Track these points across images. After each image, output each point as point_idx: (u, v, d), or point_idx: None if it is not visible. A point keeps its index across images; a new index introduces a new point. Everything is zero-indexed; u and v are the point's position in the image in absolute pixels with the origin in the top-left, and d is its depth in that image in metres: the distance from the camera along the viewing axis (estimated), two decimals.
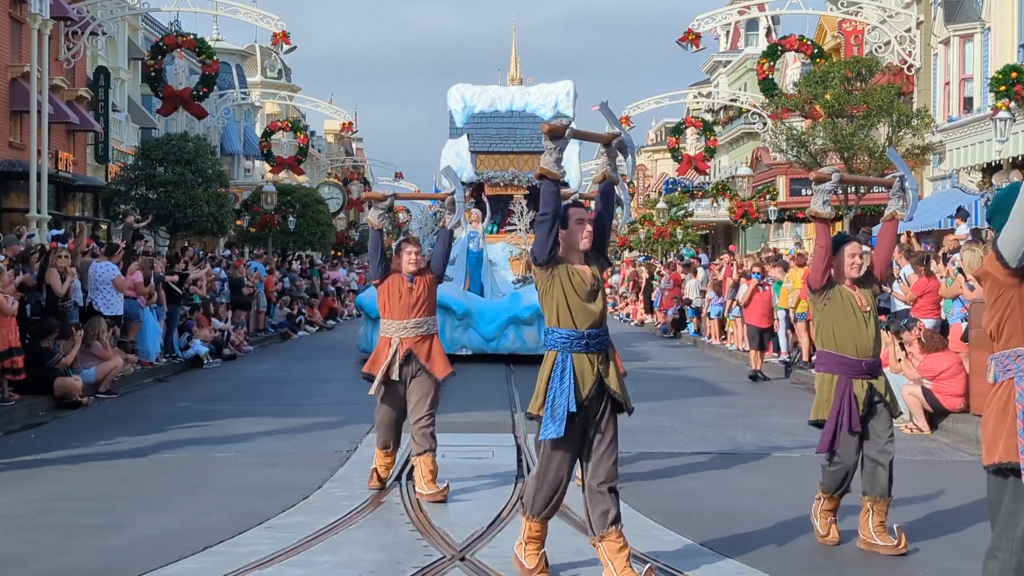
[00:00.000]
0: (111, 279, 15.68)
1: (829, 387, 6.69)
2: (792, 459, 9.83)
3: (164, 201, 28.23)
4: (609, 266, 6.17)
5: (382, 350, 8.01)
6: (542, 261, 5.73)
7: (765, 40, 42.03)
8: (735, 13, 34.59)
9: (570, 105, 24.42)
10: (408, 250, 8.07)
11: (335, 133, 66.46)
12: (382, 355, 7.98)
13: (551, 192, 5.72)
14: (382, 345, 8.04)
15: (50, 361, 13.12)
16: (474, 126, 24.50)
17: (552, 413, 5.63)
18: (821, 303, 6.70)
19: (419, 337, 7.98)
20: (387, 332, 8.00)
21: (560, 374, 5.65)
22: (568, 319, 5.71)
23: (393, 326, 7.99)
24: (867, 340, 6.64)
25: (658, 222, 44.96)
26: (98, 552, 6.51)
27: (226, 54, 45.54)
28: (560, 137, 5.64)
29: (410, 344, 7.93)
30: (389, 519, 7.18)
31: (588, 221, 5.86)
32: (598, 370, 5.74)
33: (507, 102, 24.79)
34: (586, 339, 5.71)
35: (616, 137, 5.82)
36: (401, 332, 7.95)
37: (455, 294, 18.96)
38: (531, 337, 18.83)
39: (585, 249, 5.83)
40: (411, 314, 7.97)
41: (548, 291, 5.74)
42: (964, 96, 27.35)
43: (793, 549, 6.66)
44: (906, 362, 12.23)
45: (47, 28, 23.94)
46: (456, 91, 24.93)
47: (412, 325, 7.96)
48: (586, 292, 5.74)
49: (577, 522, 7.11)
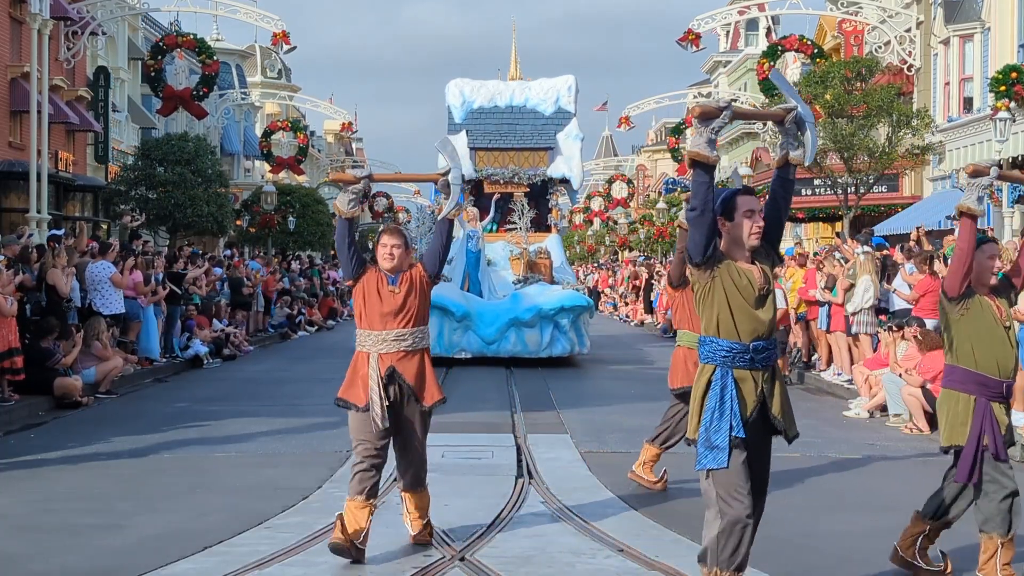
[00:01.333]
0: (108, 277, 15.68)
1: (966, 409, 5.97)
2: (792, 459, 9.82)
3: (164, 201, 28.22)
4: (781, 263, 5.48)
5: (359, 369, 6.40)
6: (698, 261, 4.84)
7: (765, 40, 42.00)
8: (735, 13, 34.59)
9: (572, 100, 23.81)
10: (385, 242, 6.45)
11: (335, 133, 66.49)
12: (359, 376, 6.38)
13: (703, 183, 4.74)
14: (358, 363, 6.42)
15: (50, 361, 13.12)
16: (473, 122, 23.66)
17: (708, 439, 4.90)
18: (958, 313, 5.97)
19: (403, 353, 6.34)
20: (364, 346, 6.40)
21: (720, 393, 4.87)
22: (730, 328, 4.87)
23: (371, 338, 6.35)
24: (1009, 358, 5.95)
25: (658, 222, 45.01)
26: (98, 552, 6.51)
27: (226, 54, 45.52)
28: (714, 117, 4.71)
29: (392, 361, 6.32)
30: (389, 519, 7.17)
31: (759, 213, 4.94)
32: (762, 390, 4.96)
33: (507, 97, 24.04)
34: (751, 353, 4.89)
35: (792, 112, 4.95)
36: (380, 346, 6.32)
37: (454, 295, 18.58)
38: (532, 340, 18.40)
39: (753, 246, 4.93)
40: (393, 323, 6.33)
41: (707, 295, 4.88)
42: (964, 96, 27.36)
43: (793, 549, 6.65)
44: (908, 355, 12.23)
45: (47, 28, 23.93)
46: (455, 86, 24.15)
47: (393, 337, 6.32)
48: (754, 297, 4.87)
49: (577, 522, 7.11)
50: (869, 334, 14.47)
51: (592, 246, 63.50)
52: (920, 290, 13.49)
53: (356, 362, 6.42)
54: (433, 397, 6.47)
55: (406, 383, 6.34)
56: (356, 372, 6.40)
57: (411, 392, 6.37)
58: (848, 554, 6.55)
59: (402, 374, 6.33)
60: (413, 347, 6.39)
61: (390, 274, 6.43)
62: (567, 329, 18.58)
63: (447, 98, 24.06)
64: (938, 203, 26.75)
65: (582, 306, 18.94)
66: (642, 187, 64.54)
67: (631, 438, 10.77)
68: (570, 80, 24.21)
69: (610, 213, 55.85)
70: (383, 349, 6.34)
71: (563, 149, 23.28)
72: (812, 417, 12.75)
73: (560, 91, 23.88)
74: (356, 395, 6.35)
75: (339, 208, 6.44)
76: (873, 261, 14.79)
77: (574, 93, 23.95)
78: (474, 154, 23.21)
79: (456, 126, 23.58)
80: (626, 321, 35.00)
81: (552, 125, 23.50)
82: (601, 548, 6.50)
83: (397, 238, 6.47)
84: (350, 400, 6.39)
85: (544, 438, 10.60)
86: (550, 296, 18.90)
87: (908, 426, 11.63)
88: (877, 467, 9.67)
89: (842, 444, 10.69)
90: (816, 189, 34.50)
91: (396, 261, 6.40)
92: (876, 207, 31.24)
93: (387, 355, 6.34)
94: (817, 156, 26.72)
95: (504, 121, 23.68)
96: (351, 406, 6.37)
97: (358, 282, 6.46)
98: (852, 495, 8.32)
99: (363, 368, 6.35)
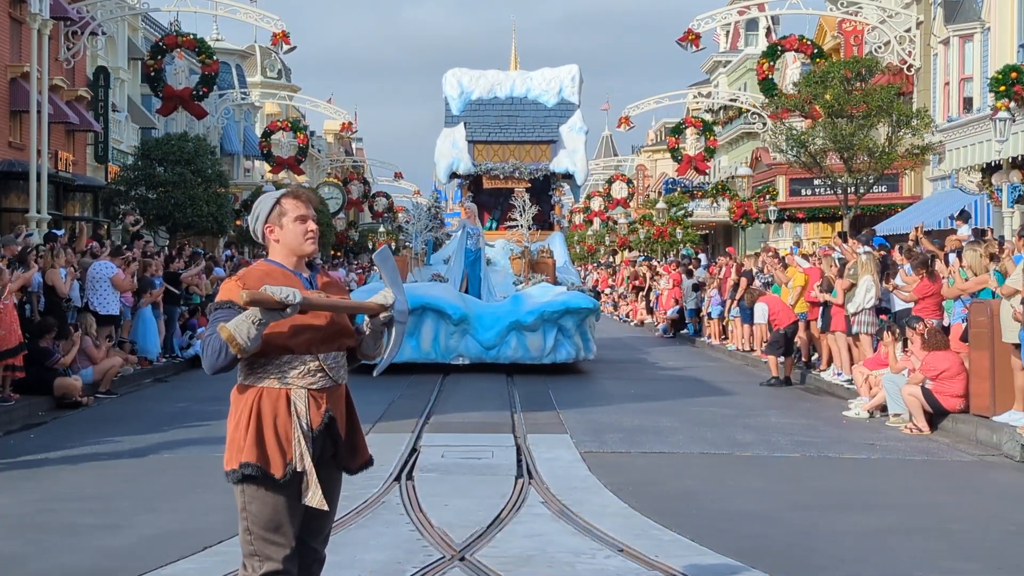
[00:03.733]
0: (108, 278, 15.68)
1: None
2: (792, 459, 9.83)
3: (164, 201, 28.24)
4: None
5: (264, 415, 4.10)
6: None
7: (765, 40, 42.03)
8: (735, 13, 34.62)
9: (575, 91, 22.64)
10: (299, 211, 4.21)
11: (335, 133, 66.49)
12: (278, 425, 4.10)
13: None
14: (262, 407, 4.11)
15: (49, 361, 13.12)
16: (472, 114, 22.41)
17: None
18: None
19: (334, 387, 4.23)
20: (271, 378, 4.12)
21: None
22: None
23: (291, 368, 4.13)
24: None
25: (658, 222, 44.99)
26: (98, 552, 6.51)
27: (226, 54, 45.52)
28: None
29: (327, 404, 4.19)
30: (389, 519, 7.18)
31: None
32: None
33: (507, 88, 22.78)
34: None
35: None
36: (305, 379, 4.13)
37: (451, 297, 17.29)
38: (535, 345, 17.00)
39: None
40: (328, 344, 4.20)
41: None
42: (964, 96, 27.35)
43: (793, 549, 6.66)
44: (905, 358, 12.24)
45: (47, 28, 23.95)
46: (452, 76, 22.84)
47: (331, 363, 4.20)
48: None
49: (577, 522, 7.11)
50: (870, 334, 14.46)
51: (592, 246, 63.50)
52: (919, 293, 13.50)
53: (254, 405, 4.11)
54: (363, 455, 4.38)
55: (339, 437, 4.26)
56: (256, 421, 4.09)
57: (339, 451, 4.28)
58: (848, 554, 6.55)
59: (338, 426, 4.25)
60: (341, 380, 4.28)
61: (298, 271, 4.25)
62: (572, 333, 17.28)
63: (444, 88, 22.87)
64: (938, 203, 26.78)
65: (587, 308, 17.49)
66: (642, 187, 64.51)
67: (631, 438, 10.79)
68: (574, 70, 23.00)
69: (610, 213, 55.85)
70: (312, 384, 4.16)
71: (566, 142, 22.16)
72: (812, 417, 12.76)
73: (563, 81, 22.73)
74: (269, 457, 4.06)
75: (236, 340, 3.95)
76: (874, 261, 14.80)
77: (578, 84, 22.79)
78: (472, 147, 22.18)
79: (454, 118, 22.52)
80: (626, 321, 35.02)
81: (555, 117, 22.40)
82: (601, 548, 6.50)
83: (311, 205, 4.30)
84: (259, 464, 4.04)
85: (544, 438, 10.60)
86: (553, 298, 17.46)
87: (908, 426, 11.62)
88: (877, 467, 9.67)
89: (842, 444, 10.69)
90: (816, 189, 34.53)
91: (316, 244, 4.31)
92: (876, 207, 31.25)
93: (318, 393, 4.17)
94: (817, 156, 26.80)
95: (504, 113, 22.55)
96: (260, 475, 4.04)
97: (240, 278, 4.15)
98: (852, 495, 8.31)
99: (277, 413, 4.10)
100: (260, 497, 4.06)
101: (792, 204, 36.91)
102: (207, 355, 4.04)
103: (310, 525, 4.20)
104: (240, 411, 4.13)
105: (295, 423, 4.10)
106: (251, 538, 4.08)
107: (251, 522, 4.07)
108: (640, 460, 9.66)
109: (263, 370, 4.11)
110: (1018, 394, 10.94)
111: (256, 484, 4.05)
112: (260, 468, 4.03)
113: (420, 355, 16.76)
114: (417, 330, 16.71)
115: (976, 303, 11.91)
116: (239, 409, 4.14)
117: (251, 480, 4.05)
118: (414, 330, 16.63)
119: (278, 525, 4.06)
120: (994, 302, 11.40)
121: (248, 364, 4.12)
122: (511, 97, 22.76)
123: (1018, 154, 21.60)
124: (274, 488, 4.05)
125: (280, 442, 4.07)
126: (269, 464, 4.05)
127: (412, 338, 16.60)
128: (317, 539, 4.27)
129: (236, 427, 4.12)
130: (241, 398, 4.15)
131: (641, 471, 9.11)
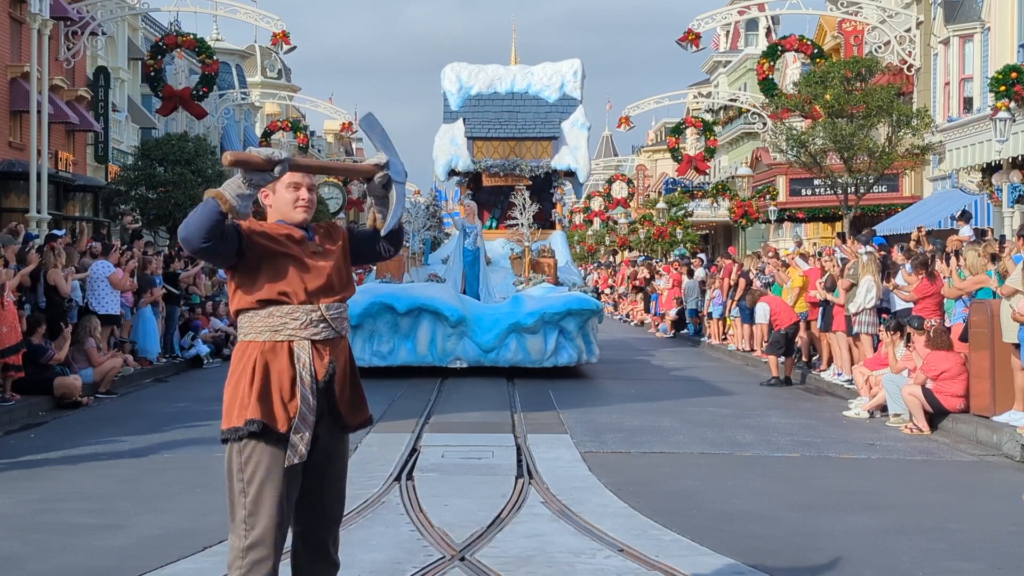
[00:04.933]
0: (106, 277, 15.67)
1: None
2: (792, 459, 9.83)
3: (164, 201, 28.26)
4: None
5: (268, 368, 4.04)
6: None
7: (765, 40, 42.05)
8: (735, 13, 34.63)
9: (578, 86, 21.99)
10: (294, 177, 4.14)
11: (335, 133, 66.52)
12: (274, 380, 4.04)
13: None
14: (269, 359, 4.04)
15: (43, 358, 13.12)
16: (471, 109, 21.78)
17: None
18: None
19: (337, 339, 4.17)
20: (273, 332, 4.06)
21: None
22: None
23: (291, 318, 4.07)
24: None
25: (658, 222, 45.02)
26: (98, 552, 6.50)
27: (226, 54, 45.55)
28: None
29: (331, 355, 4.13)
30: (389, 519, 7.17)
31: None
32: None
33: (508, 83, 22.10)
34: None
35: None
36: (307, 330, 4.08)
37: (448, 297, 16.68)
38: (535, 347, 16.34)
39: None
40: (325, 294, 4.14)
41: None
42: (964, 96, 27.37)
43: (793, 549, 6.65)
44: (906, 358, 12.23)
45: (47, 28, 23.98)
46: (451, 70, 22.20)
47: (333, 314, 4.14)
48: None
49: (577, 522, 7.11)
50: (870, 334, 14.47)
51: (592, 246, 63.53)
52: (919, 293, 13.51)
53: (258, 359, 4.03)
54: (364, 412, 4.32)
55: (344, 389, 4.20)
56: (261, 375, 4.02)
57: (339, 406, 4.18)
58: (848, 554, 6.54)
59: (336, 384, 4.15)
60: (344, 332, 4.22)
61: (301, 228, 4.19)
62: (574, 335, 16.59)
63: (443, 83, 22.23)
64: (938, 203, 26.79)
65: (590, 309, 16.79)
66: (642, 187, 64.56)
67: (631, 438, 10.79)
68: (576, 64, 22.37)
69: (610, 213, 55.88)
70: (315, 335, 4.09)
71: (568, 139, 21.54)
72: (812, 417, 12.76)
73: (565, 76, 22.10)
74: (274, 411, 4.00)
75: (224, 195, 3.90)
76: (875, 261, 14.80)
77: (580, 79, 22.14)
78: (472, 144, 21.58)
79: (452, 114, 21.90)
80: (626, 321, 35.03)
81: (556, 113, 21.78)
82: (601, 548, 6.50)
83: (307, 175, 4.19)
84: (263, 420, 3.97)
85: (544, 438, 10.59)
86: (555, 299, 16.84)
87: (908, 426, 11.62)
88: (877, 467, 9.67)
89: (842, 444, 10.69)
90: (816, 189, 34.55)
91: (309, 214, 4.22)
92: (876, 207, 31.27)
93: (322, 344, 4.11)
94: (817, 156, 26.80)
95: (504, 108, 21.93)
96: (262, 430, 3.97)
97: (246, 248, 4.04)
98: (852, 495, 8.31)
99: (280, 366, 4.03)
100: (259, 454, 3.96)
101: (792, 204, 36.94)
102: (189, 218, 3.91)
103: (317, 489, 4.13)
104: (242, 368, 4.04)
105: (299, 374, 4.02)
106: (245, 500, 3.97)
107: (247, 481, 3.97)
108: (640, 460, 9.66)
109: (264, 323, 4.05)
110: (1018, 394, 10.94)
111: (257, 439, 3.96)
112: (263, 424, 3.95)
113: (416, 358, 16.36)
114: (413, 332, 16.39)
115: (976, 303, 11.91)
116: (239, 366, 4.06)
117: (253, 436, 3.96)
118: (410, 332, 16.36)
119: (275, 486, 3.96)
120: (994, 302, 11.40)
121: (248, 318, 4.07)
122: (511, 92, 22.14)
123: (1018, 154, 21.61)
124: (275, 444, 3.96)
125: (283, 396, 4.00)
126: (274, 420, 3.97)
127: (408, 340, 16.36)
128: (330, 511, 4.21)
129: (237, 384, 4.03)
130: (241, 355, 4.07)
131: (641, 471, 9.11)
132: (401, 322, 16.34)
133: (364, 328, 16.17)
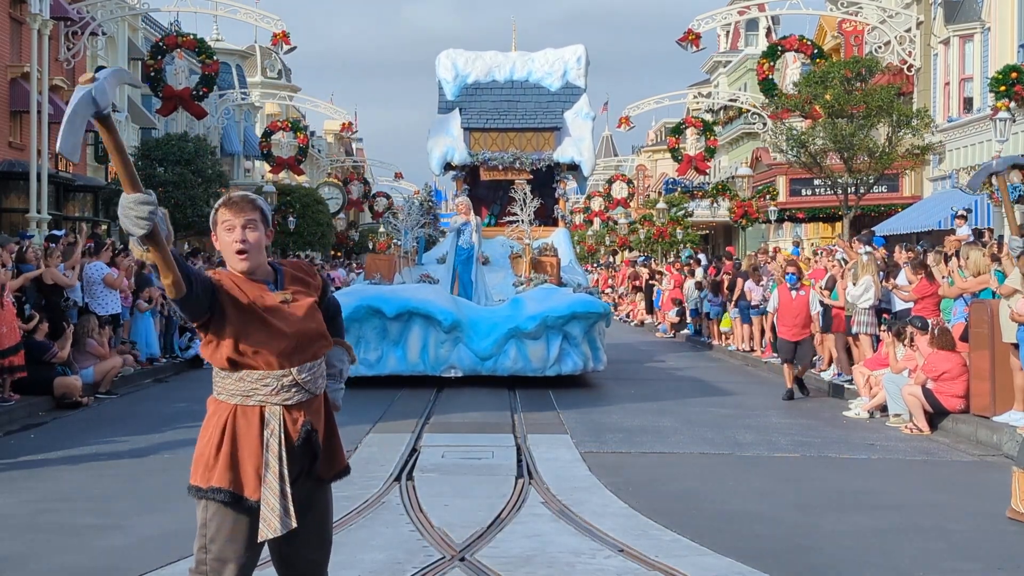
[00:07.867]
0: (101, 278, 15.67)
1: None
2: (792, 459, 9.83)
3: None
4: None
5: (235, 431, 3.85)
6: None
7: (765, 40, 42.03)
8: (735, 13, 34.62)
9: (581, 74, 20.82)
10: (225, 218, 3.84)
11: (335, 133, 66.49)
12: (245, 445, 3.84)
13: None
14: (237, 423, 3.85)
15: (46, 356, 13.12)
16: (468, 99, 20.54)
17: None
18: None
19: (310, 400, 3.93)
20: (245, 396, 3.85)
21: None
22: None
23: (263, 384, 3.84)
24: None
25: (658, 222, 44.97)
26: (98, 552, 6.51)
27: (226, 54, 45.55)
28: None
29: (306, 417, 3.90)
30: (389, 519, 7.17)
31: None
32: None
33: (507, 70, 20.88)
34: None
35: None
36: (279, 395, 3.84)
37: (441, 300, 15.32)
38: (537, 354, 14.90)
39: None
40: (300, 356, 3.87)
41: None
42: (964, 96, 27.37)
43: (793, 549, 6.65)
44: (907, 358, 12.23)
45: (47, 28, 23.97)
46: (446, 57, 20.89)
47: (306, 376, 3.88)
48: None
49: (577, 522, 7.12)
50: (869, 334, 14.47)
51: (592, 246, 63.51)
52: (919, 293, 13.52)
53: (228, 422, 3.85)
54: (340, 463, 4.10)
55: (319, 448, 3.96)
56: (230, 440, 3.84)
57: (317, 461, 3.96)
58: (848, 554, 6.55)
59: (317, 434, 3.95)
60: (319, 390, 3.98)
61: (262, 279, 3.89)
62: (579, 341, 15.08)
63: (438, 71, 20.95)
64: (938, 203, 26.75)
65: (596, 313, 15.32)
66: (642, 187, 64.53)
67: (631, 438, 10.79)
68: (579, 51, 20.99)
69: (610, 213, 55.86)
70: (287, 400, 3.86)
71: (571, 130, 20.27)
72: (812, 417, 12.76)
73: (568, 63, 20.82)
74: (241, 479, 3.82)
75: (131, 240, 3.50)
76: (875, 261, 14.81)
77: (584, 66, 20.83)
78: (469, 136, 20.27)
79: (448, 104, 20.63)
80: (626, 321, 35.02)
81: (559, 102, 20.56)
82: (601, 548, 6.50)
83: (250, 211, 3.84)
84: (231, 489, 3.82)
85: (544, 438, 10.60)
86: (558, 301, 15.29)
87: (908, 426, 11.62)
88: (877, 467, 9.67)
89: (842, 444, 10.69)
90: (816, 189, 34.52)
91: (252, 258, 3.85)
92: (876, 207, 31.26)
93: (296, 408, 3.88)
94: (817, 156, 26.80)
95: (504, 97, 20.69)
96: (231, 497, 3.82)
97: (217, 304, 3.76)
98: (852, 495, 8.31)
99: (251, 432, 3.83)
100: (221, 518, 3.84)
101: (792, 204, 36.92)
102: None
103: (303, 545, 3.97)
104: (213, 425, 3.88)
105: (266, 442, 3.81)
106: (206, 556, 3.89)
107: (209, 539, 3.88)
108: (640, 460, 9.66)
109: (235, 386, 3.84)
110: (1018, 394, 10.94)
111: (220, 504, 3.84)
112: (231, 494, 3.80)
113: (407, 367, 14.90)
114: (403, 339, 14.95)
115: (976, 303, 11.92)
116: (211, 422, 3.89)
117: (210, 498, 3.86)
118: (400, 338, 14.98)
119: (236, 554, 3.84)
120: (994, 302, 11.40)
121: (221, 377, 3.87)
122: (511, 80, 20.96)
123: (1018, 154, 21.60)
124: (243, 511, 3.81)
125: (254, 462, 3.81)
126: (242, 487, 3.81)
127: (398, 348, 14.97)
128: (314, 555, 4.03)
129: (207, 443, 3.88)
130: (214, 412, 3.91)
131: (641, 471, 9.11)
132: (390, 327, 14.92)
133: (350, 334, 14.86)
